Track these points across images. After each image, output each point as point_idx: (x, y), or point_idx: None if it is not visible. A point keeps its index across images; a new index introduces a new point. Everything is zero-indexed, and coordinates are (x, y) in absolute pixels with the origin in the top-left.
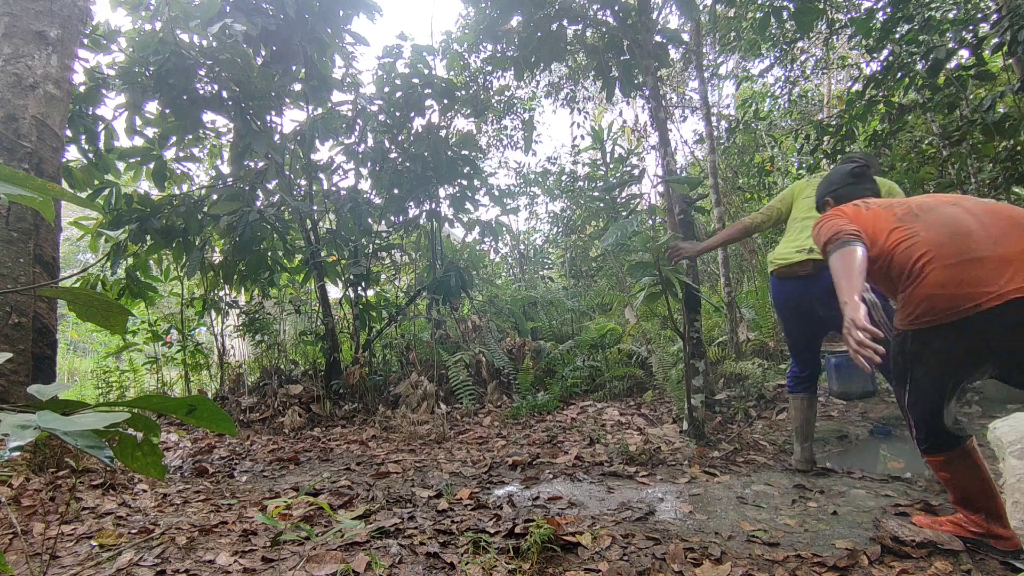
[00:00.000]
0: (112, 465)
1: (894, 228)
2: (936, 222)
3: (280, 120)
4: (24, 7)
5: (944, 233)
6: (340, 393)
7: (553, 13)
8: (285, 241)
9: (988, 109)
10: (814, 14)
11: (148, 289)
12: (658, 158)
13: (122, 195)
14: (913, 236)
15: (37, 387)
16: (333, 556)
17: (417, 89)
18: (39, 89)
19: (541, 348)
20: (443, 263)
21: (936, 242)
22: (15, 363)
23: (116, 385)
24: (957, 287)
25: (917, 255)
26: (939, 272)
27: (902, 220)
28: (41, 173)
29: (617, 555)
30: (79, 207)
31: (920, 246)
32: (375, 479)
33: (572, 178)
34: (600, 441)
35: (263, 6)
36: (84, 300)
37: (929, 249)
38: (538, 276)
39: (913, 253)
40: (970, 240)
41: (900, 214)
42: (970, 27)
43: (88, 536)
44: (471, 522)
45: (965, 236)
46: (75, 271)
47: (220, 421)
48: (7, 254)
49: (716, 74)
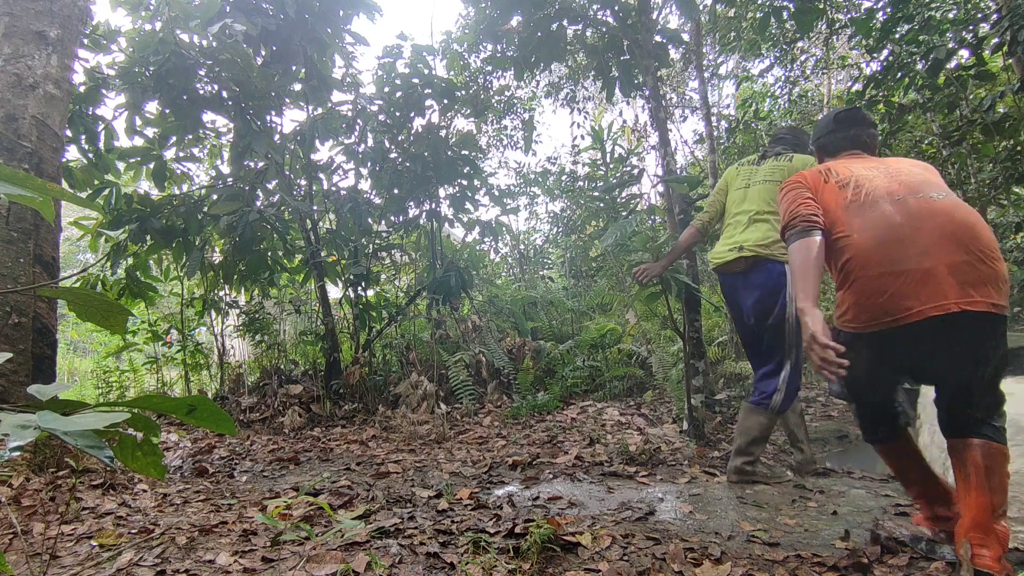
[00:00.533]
0: (112, 465)
1: (839, 218)
2: (870, 224)
3: (280, 120)
4: (24, 7)
5: (874, 240)
6: (340, 393)
7: (553, 13)
8: (285, 241)
9: (988, 109)
10: (814, 14)
11: (148, 289)
12: (658, 158)
13: (122, 195)
14: (848, 236)
15: (37, 387)
16: (333, 556)
17: (417, 89)
18: (39, 89)
19: (541, 348)
20: (443, 263)
21: (865, 249)
22: (15, 363)
23: (116, 385)
24: (880, 298)
25: (847, 257)
26: (864, 282)
27: (847, 210)
28: (41, 173)
29: (617, 555)
30: (79, 207)
31: (850, 249)
32: (375, 479)
33: (572, 178)
34: (600, 441)
35: (263, 6)
36: (84, 300)
37: (857, 255)
38: (538, 276)
39: (844, 254)
40: (899, 249)
41: (848, 202)
42: (970, 27)
43: (88, 536)
44: (471, 522)
45: (894, 244)
46: (75, 271)
47: (220, 421)
48: (7, 254)
49: (716, 74)
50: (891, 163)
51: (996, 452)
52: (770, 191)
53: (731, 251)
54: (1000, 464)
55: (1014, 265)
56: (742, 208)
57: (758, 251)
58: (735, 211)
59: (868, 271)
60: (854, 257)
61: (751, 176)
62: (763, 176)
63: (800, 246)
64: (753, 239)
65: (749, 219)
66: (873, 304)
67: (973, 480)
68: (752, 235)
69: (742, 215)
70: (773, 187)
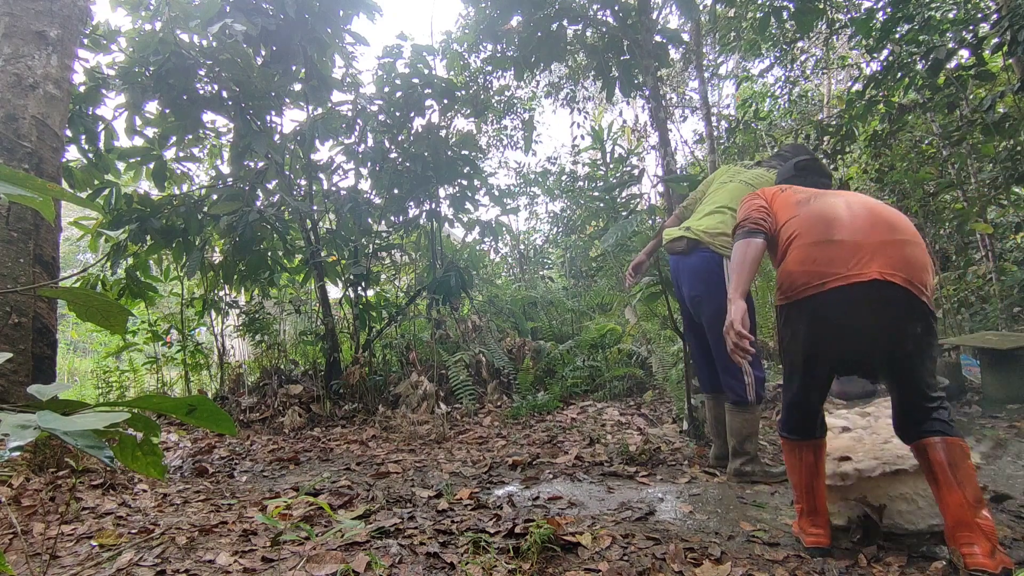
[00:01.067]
0: (112, 465)
1: (790, 214)
2: (815, 208)
3: (280, 120)
4: (24, 7)
5: (815, 217)
6: (340, 393)
7: (553, 13)
8: (285, 241)
9: (988, 109)
10: (814, 14)
11: (148, 289)
12: (658, 158)
13: (122, 195)
14: (794, 218)
15: (37, 387)
16: (333, 556)
17: (417, 89)
18: (39, 89)
19: (541, 348)
20: (443, 263)
21: (806, 224)
22: (15, 363)
23: (116, 385)
24: (812, 264)
25: (789, 233)
26: (800, 250)
27: (797, 205)
28: (41, 173)
29: (617, 555)
30: (79, 207)
31: (793, 225)
32: (375, 479)
33: (572, 178)
34: (600, 441)
35: (263, 6)
36: (84, 300)
37: (798, 229)
38: (538, 276)
39: (787, 231)
40: (834, 225)
41: (799, 199)
42: (970, 27)
43: (88, 536)
44: (471, 522)
45: (831, 220)
46: (75, 271)
47: (220, 421)
48: (7, 254)
49: (716, 74)
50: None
51: (953, 445)
52: (742, 191)
53: (679, 229)
54: (960, 457)
55: (1014, 265)
56: (711, 199)
57: (701, 236)
58: (706, 201)
59: (804, 240)
60: (795, 231)
61: (736, 175)
62: (745, 178)
63: (742, 244)
64: (703, 226)
65: (710, 209)
66: (805, 271)
67: (941, 479)
68: (704, 222)
69: (708, 205)
70: (748, 189)
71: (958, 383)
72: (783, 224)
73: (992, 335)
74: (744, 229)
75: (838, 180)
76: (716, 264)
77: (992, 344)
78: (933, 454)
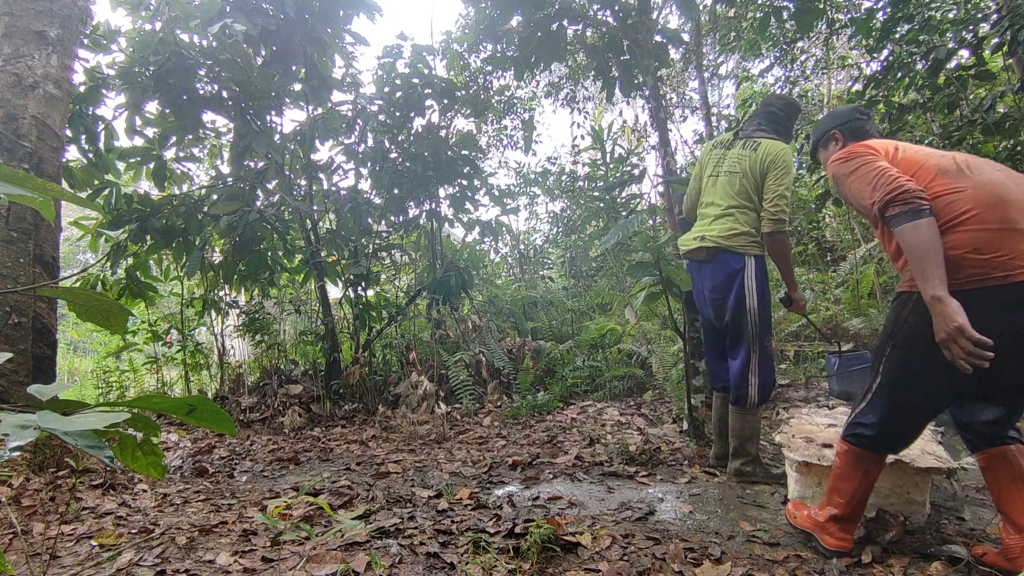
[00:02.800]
0: (112, 465)
1: (935, 179)
2: (985, 181)
3: (280, 120)
4: (24, 7)
5: (992, 196)
6: (340, 393)
7: (553, 13)
8: (285, 241)
9: (988, 109)
10: (814, 14)
11: (148, 289)
12: (658, 158)
13: (122, 195)
14: (960, 192)
15: (37, 387)
16: (333, 556)
17: (417, 89)
18: (39, 89)
19: (541, 348)
20: (443, 263)
21: (983, 203)
22: (15, 363)
23: (116, 385)
24: (994, 253)
25: (960, 211)
26: (980, 235)
27: (946, 173)
28: (41, 173)
29: (617, 555)
30: (79, 207)
31: (965, 202)
32: (375, 479)
33: (572, 178)
34: (600, 441)
35: (263, 6)
36: (84, 300)
37: (974, 207)
38: (538, 276)
39: (956, 208)
40: (1014, 209)
41: (944, 166)
42: (970, 27)
43: (88, 536)
44: (471, 522)
45: (1011, 204)
46: (75, 271)
47: (220, 421)
48: (7, 254)
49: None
50: None
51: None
52: (732, 184)
53: (694, 239)
54: None
55: None
56: (712, 200)
57: (719, 242)
58: (706, 201)
59: (988, 225)
60: (969, 209)
61: (719, 164)
62: (727, 167)
63: (920, 228)
64: (715, 231)
65: (716, 214)
66: (986, 259)
67: None
68: (715, 228)
69: (711, 208)
70: (735, 179)
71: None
72: (940, 195)
73: None
74: (908, 208)
75: None
76: (738, 262)
77: None
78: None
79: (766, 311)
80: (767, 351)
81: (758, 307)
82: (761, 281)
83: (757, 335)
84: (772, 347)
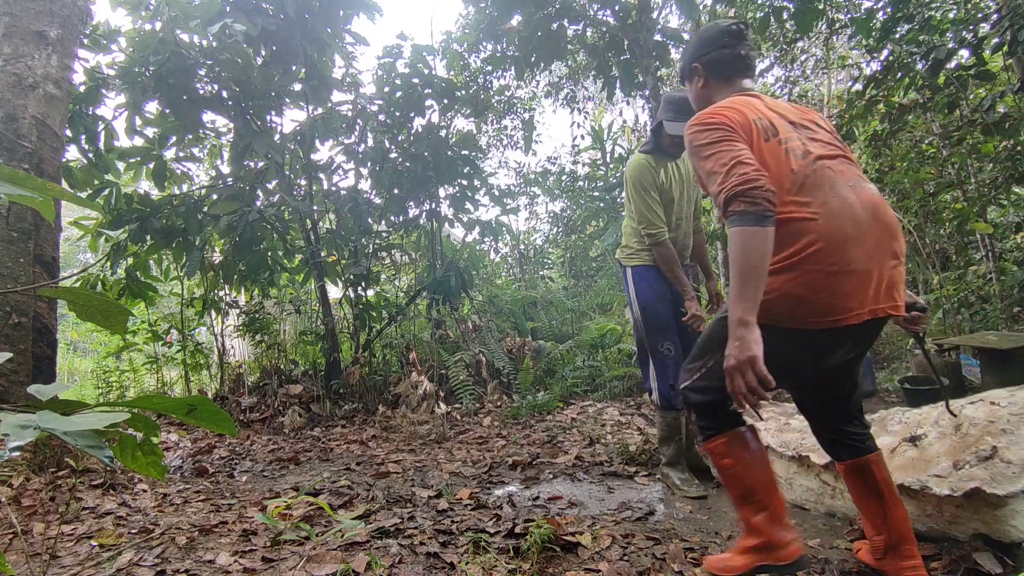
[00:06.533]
0: (112, 465)
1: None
2: (836, 212)
3: (280, 120)
4: (24, 7)
5: (841, 234)
6: (340, 393)
7: (553, 13)
8: (285, 241)
9: (988, 109)
10: (814, 14)
11: (148, 289)
12: None
13: (122, 195)
14: (811, 220)
15: (37, 387)
16: (333, 556)
17: (417, 89)
18: (39, 89)
19: (541, 348)
20: (443, 263)
21: (832, 239)
22: (15, 363)
23: (116, 385)
24: (827, 295)
25: (805, 242)
26: (816, 276)
27: (802, 186)
28: (41, 173)
29: (617, 555)
30: (79, 207)
31: (812, 233)
32: (375, 479)
33: (572, 178)
34: (600, 441)
35: (263, 6)
36: (84, 300)
37: (821, 243)
38: (538, 276)
39: (802, 237)
40: (856, 248)
41: (800, 170)
42: (970, 27)
43: (88, 536)
44: (471, 522)
45: (854, 242)
46: (75, 271)
47: (220, 421)
48: (7, 254)
49: None
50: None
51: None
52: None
53: None
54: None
55: (1014, 265)
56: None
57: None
58: None
59: (824, 267)
60: (816, 244)
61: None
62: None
63: (757, 238)
64: None
65: None
66: (817, 301)
67: (888, 495)
68: None
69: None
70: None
71: (958, 383)
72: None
73: (992, 335)
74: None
75: None
76: (623, 272)
77: (992, 344)
78: (879, 471)
79: (650, 319)
80: (661, 358)
81: (640, 315)
82: (640, 289)
83: (647, 341)
84: (673, 353)
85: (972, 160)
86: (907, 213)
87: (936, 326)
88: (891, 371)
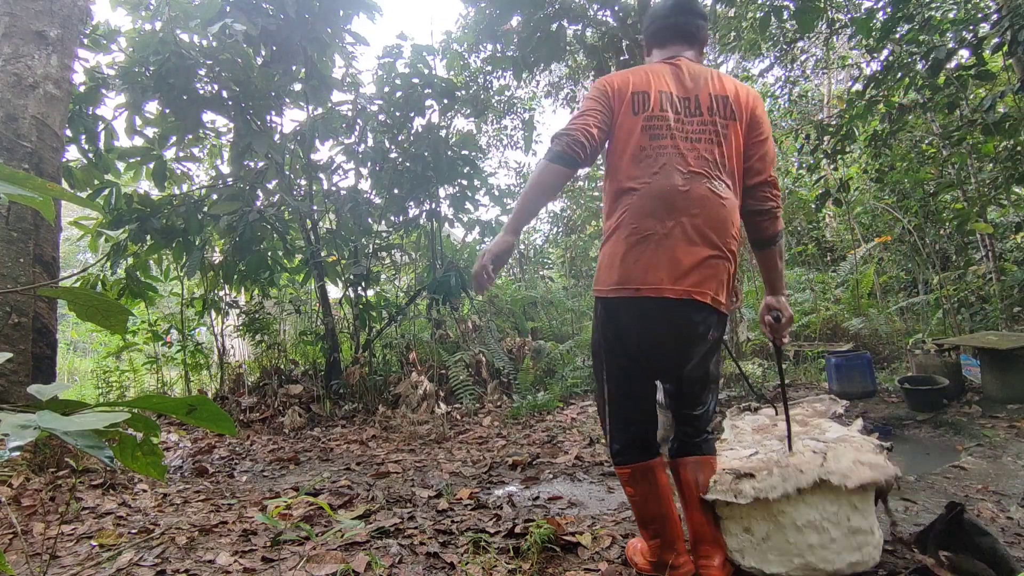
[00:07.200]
0: (112, 465)
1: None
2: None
3: (280, 120)
4: (24, 7)
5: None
6: (340, 393)
7: (553, 13)
8: (285, 241)
9: (988, 109)
10: (815, 14)
11: (148, 289)
12: None
13: (122, 195)
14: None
15: (37, 387)
16: (333, 556)
17: (417, 89)
18: (39, 89)
19: (541, 348)
20: (443, 263)
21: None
22: (15, 363)
23: (116, 385)
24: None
25: (620, 211)
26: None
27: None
28: (41, 173)
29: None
30: (79, 207)
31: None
32: (375, 479)
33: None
34: (600, 441)
35: (263, 6)
36: (84, 300)
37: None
38: (538, 276)
39: (620, 208)
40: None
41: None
42: (970, 27)
43: (88, 536)
44: (471, 522)
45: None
46: (75, 271)
47: (220, 421)
48: (7, 254)
49: None
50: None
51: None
52: None
53: None
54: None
55: (1014, 265)
56: None
57: None
58: None
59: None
60: (627, 214)
61: None
62: None
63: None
64: None
65: None
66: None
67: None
68: None
69: None
70: None
71: (958, 383)
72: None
73: (992, 335)
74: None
75: (838, 180)
76: None
77: (992, 344)
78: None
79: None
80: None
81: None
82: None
83: None
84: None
85: (972, 160)
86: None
87: (936, 326)
88: (891, 371)
